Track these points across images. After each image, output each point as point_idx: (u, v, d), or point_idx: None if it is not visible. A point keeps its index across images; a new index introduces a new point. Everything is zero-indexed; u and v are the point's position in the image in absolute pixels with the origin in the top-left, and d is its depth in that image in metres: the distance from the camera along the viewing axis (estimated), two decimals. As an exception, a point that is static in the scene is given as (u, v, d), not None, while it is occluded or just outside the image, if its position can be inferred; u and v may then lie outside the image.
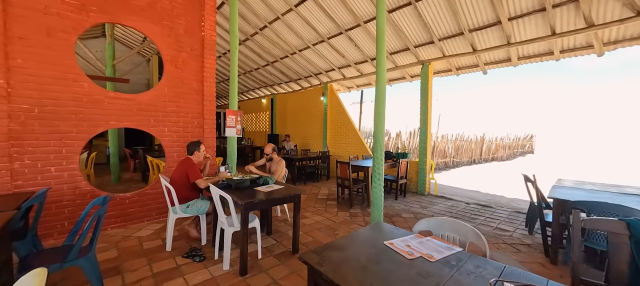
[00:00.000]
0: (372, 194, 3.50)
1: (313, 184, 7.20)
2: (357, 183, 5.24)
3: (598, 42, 4.34)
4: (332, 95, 8.50)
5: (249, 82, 11.38)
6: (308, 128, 9.51)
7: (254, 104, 12.92)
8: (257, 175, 3.69)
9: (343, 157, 8.09)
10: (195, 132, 4.44)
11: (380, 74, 3.48)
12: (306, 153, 7.89)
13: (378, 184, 3.48)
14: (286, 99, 10.68)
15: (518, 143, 18.27)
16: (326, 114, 8.57)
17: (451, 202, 5.54)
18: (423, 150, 6.06)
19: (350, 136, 7.91)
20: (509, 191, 7.25)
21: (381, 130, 3.48)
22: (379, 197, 3.46)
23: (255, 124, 13.02)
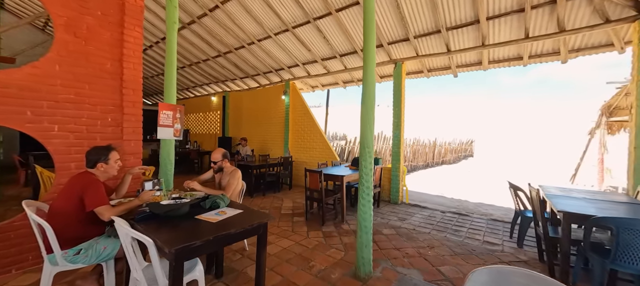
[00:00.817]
0: (359, 215, 2.75)
1: (274, 195, 6.20)
2: (330, 194, 4.48)
3: (565, 48, 4.42)
4: (295, 94, 7.64)
5: (195, 76, 9.77)
6: (267, 131, 8.45)
7: (202, 102, 11.24)
8: (201, 193, 2.63)
9: (308, 163, 7.27)
10: (109, 133, 3.12)
11: (369, 65, 2.79)
12: (265, 160, 6.86)
13: (367, 201, 2.74)
14: (241, 97, 9.42)
15: (462, 148, 19.99)
16: (288, 115, 7.66)
17: (426, 211, 5.17)
18: (396, 155, 5.63)
19: (315, 140, 7.14)
20: (470, 194, 7.37)
21: (370, 132, 2.77)
22: (368, 218, 2.73)
23: (203, 125, 11.33)
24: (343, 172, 4.75)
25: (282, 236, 3.75)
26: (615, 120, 8.92)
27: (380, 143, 10.00)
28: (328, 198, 4.34)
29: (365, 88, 2.81)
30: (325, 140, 6.98)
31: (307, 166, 7.17)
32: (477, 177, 11.74)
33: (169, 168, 3.54)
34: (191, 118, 11.99)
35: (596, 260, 2.22)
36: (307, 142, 7.34)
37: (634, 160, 3.49)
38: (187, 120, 12.25)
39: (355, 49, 5.77)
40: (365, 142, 2.77)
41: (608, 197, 3.10)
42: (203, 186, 2.79)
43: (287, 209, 5.11)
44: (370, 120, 2.76)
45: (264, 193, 6.22)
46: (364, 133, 2.77)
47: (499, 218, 4.79)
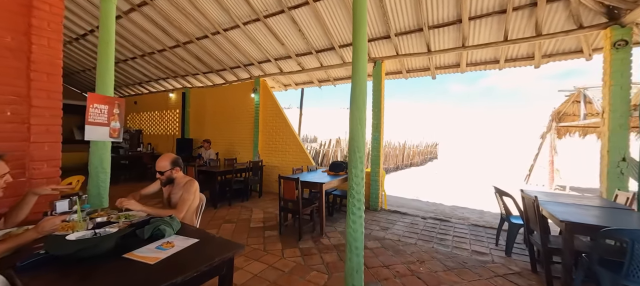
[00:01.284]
0: (348, 234, 2.29)
1: (242, 205, 5.49)
2: (307, 205, 3.96)
3: (539, 53, 4.48)
4: (266, 93, 7.00)
5: (150, 69, 8.57)
6: (234, 132, 7.66)
7: (158, 99, 9.96)
8: (141, 215, 1.95)
9: (281, 168, 6.67)
10: (7, 132, 2.25)
11: (360, 57, 2.38)
12: (232, 164, 6.11)
13: (358, 217, 2.30)
14: (204, 95, 8.47)
15: (428, 150, 20.86)
16: (258, 115, 6.99)
17: (407, 218, 4.92)
18: (376, 159, 5.32)
19: (289, 143, 6.58)
20: (442, 197, 7.40)
21: (361, 135, 2.34)
22: (359, 237, 2.29)
23: (159, 125, 10.04)
24: (321, 178, 4.28)
25: (252, 257, 3.14)
26: (564, 125, 9.79)
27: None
28: (306, 210, 3.82)
29: (355, 84, 2.38)
30: (300, 143, 6.45)
31: (279, 171, 6.57)
32: (445, 178, 12.14)
33: (101, 180, 2.74)
34: (144, 117, 10.58)
35: (606, 275, 2.03)
36: (279, 145, 6.74)
37: (607, 163, 3.56)
38: (139, 120, 10.80)
39: (333, 45, 5.36)
40: (356, 145, 2.32)
41: (594, 203, 3.06)
42: (145, 204, 2.09)
43: (257, 221, 4.47)
44: (361, 120, 2.32)
45: (230, 202, 5.48)
46: (355, 135, 2.33)
47: (479, 223, 4.71)
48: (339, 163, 4.84)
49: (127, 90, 10.82)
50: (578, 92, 8.46)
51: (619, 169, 3.48)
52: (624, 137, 3.46)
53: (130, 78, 9.60)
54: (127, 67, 8.78)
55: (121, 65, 8.68)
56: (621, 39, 3.47)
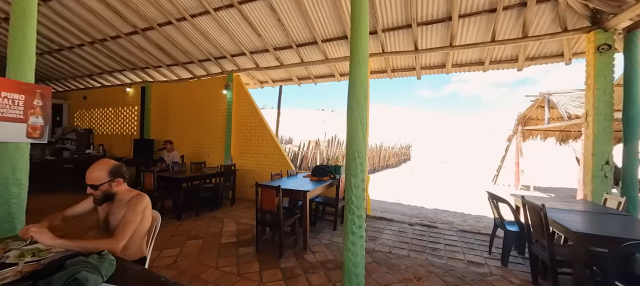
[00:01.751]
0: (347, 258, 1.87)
1: (211, 215, 4.83)
2: (289, 216, 3.48)
3: (523, 55, 4.47)
4: (240, 89, 6.37)
5: (102, 59, 7.44)
6: (203, 132, 6.88)
7: (112, 94, 8.75)
8: (56, 251, 1.35)
9: (257, 172, 6.07)
10: None
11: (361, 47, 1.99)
12: (200, 169, 5.40)
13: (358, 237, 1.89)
14: (168, 90, 7.55)
15: (402, 152, 21.32)
16: (230, 114, 6.32)
17: (394, 225, 4.65)
18: (361, 162, 4.97)
19: (265, 145, 6.01)
20: (422, 199, 7.33)
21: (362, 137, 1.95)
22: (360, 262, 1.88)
23: (114, 124, 8.83)
24: (304, 184, 3.82)
25: (225, 280, 2.59)
26: (529, 128, 10.39)
27: (334, 148, 9.42)
28: (287, 222, 3.33)
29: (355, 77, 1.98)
30: (278, 144, 5.92)
31: (255, 176, 5.98)
32: (420, 180, 12.32)
33: (13, 195, 2.03)
34: (96, 114, 9.26)
35: (629, 293, 1.84)
36: (255, 147, 6.13)
37: (592, 167, 3.56)
38: (90, 117, 9.43)
39: (315, 38, 4.94)
40: (356, 150, 1.92)
41: (588, 208, 2.98)
42: (67, 234, 1.48)
43: (229, 235, 3.87)
44: (363, 119, 1.94)
45: (197, 213, 4.78)
46: (354, 138, 1.93)
47: (465, 228, 4.58)
48: (323, 168, 4.42)
49: (74, 82, 9.40)
50: (542, 98, 8.98)
51: (603, 173, 3.49)
52: (608, 140, 3.47)
53: (77, 69, 8.31)
54: (73, 56, 7.55)
55: (65, 52, 7.43)
56: (605, 43, 3.49)
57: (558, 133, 10.92)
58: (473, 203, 7.12)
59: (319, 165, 4.48)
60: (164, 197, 4.61)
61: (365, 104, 1.97)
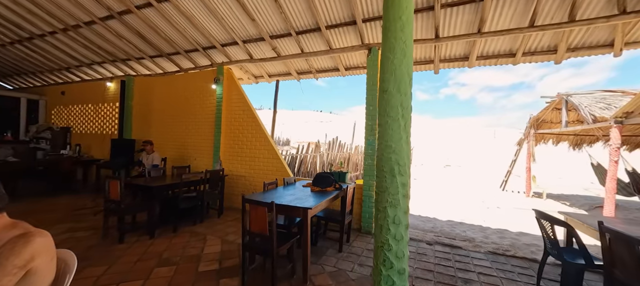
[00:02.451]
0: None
1: (192, 230, 4.06)
2: (284, 240, 2.74)
3: (565, 44, 3.79)
4: (231, 84, 5.63)
5: (78, 49, 6.66)
6: (189, 132, 6.12)
7: (91, 89, 7.95)
8: None
9: (249, 178, 5.32)
10: None
11: (407, 18, 1.24)
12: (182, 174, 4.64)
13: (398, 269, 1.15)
14: (151, 85, 6.78)
15: (403, 156, 20.65)
16: (220, 112, 5.57)
17: (410, 243, 3.92)
18: (371, 168, 4.25)
19: (259, 147, 5.26)
20: (433, 208, 6.63)
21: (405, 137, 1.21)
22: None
23: (93, 122, 8.01)
24: (304, 197, 3.08)
25: (192, 345, 1.83)
26: (544, 132, 9.75)
27: (335, 151, 8.69)
28: (282, 248, 2.59)
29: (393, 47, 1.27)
30: (274, 147, 5.17)
31: (247, 182, 5.23)
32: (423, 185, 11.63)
33: None
34: (74, 111, 8.44)
35: None
36: (247, 150, 5.38)
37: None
38: (67, 114, 8.61)
39: (318, 24, 4.23)
40: (393, 160, 1.21)
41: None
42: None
43: (210, 260, 3.12)
44: (405, 113, 1.21)
45: (175, 227, 4.01)
46: (389, 140, 1.22)
47: (494, 248, 3.86)
48: (326, 176, 3.68)
49: (52, 77, 8.58)
50: (560, 99, 8.35)
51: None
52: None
53: (53, 61, 7.50)
54: (46, 45, 6.75)
55: (37, 41, 6.64)
56: (678, 27, 2.82)
57: (572, 137, 10.31)
58: (489, 215, 6.44)
59: (322, 173, 3.74)
60: (137, 208, 3.84)
61: (410, 87, 1.27)
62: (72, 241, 3.49)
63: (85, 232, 3.80)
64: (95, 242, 3.47)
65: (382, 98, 1.31)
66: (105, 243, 3.45)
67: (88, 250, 3.24)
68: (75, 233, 3.75)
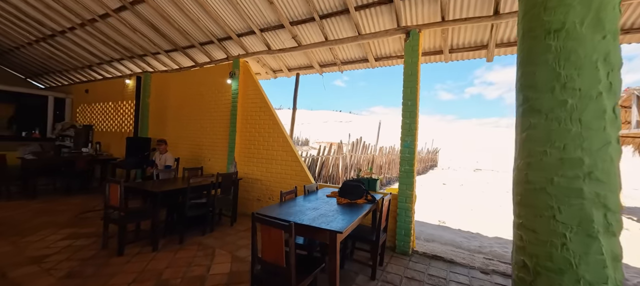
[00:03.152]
0: None
1: (200, 242, 3.58)
2: (306, 267, 2.12)
3: None
4: (248, 78, 5.14)
5: (97, 46, 6.55)
6: (204, 131, 5.73)
7: (112, 87, 7.89)
8: None
9: (265, 182, 4.80)
10: None
11: None
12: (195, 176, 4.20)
13: None
14: (167, 81, 6.51)
15: (429, 157, 19.39)
16: (236, 109, 5.11)
17: (458, 270, 3.16)
18: (407, 177, 3.53)
19: (277, 148, 4.72)
20: (474, 221, 5.72)
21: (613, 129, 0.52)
22: None
23: (113, 120, 7.96)
24: (332, 214, 2.45)
25: None
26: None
27: (358, 152, 7.98)
28: (304, 283, 1.98)
29: None
30: (294, 149, 4.60)
31: (262, 187, 4.72)
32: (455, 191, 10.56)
33: None
34: (96, 109, 8.46)
35: None
36: (264, 151, 4.86)
37: None
38: (91, 113, 8.66)
39: (346, 4, 3.59)
40: (591, 183, 0.51)
41: None
42: None
43: (216, 282, 2.59)
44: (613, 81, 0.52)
45: (182, 238, 3.55)
46: (565, 134, 0.54)
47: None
48: (355, 185, 3.03)
49: (76, 75, 8.67)
50: (629, 95, 7.05)
51: None
52: None
53: (76, 58, 7.51)
54: (67, 42, 6.72)
55: (59, 39, 6.61)
56: None
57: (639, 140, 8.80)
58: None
59: (350, 181, 3.09)
60: (138, 216, 3.42)
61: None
62: (70, 250, 3.13)
63: (86, 240, 3.44)
64: (92, 253, 3.08)
65: (544, 50, 0.64)
66: (102, 255, 3.05)
67: (82, 264, 2.85)
68: (75, 241, 3.41)
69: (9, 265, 2.74)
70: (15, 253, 3.01)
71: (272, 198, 4.71)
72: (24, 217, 4.16)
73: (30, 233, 3.57)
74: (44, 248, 3.15)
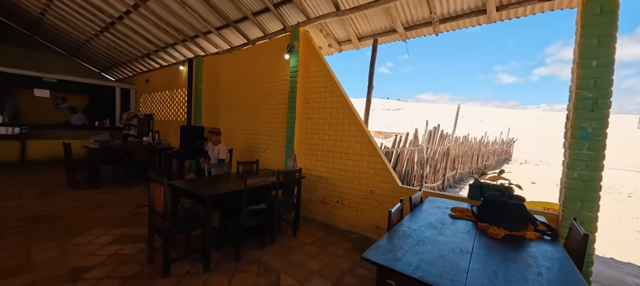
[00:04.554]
0: None
1: (259, 261, 2.77)
2: None
3: None
4: (309, 51, 4.15)
5: (153, 32, 6.29)
6: (258, 118, 4.99)
7: (168, 75, 7.77)
8: None
9: (333, 181, 3.83)
10: None
11: None
12: (250, 172, 3.42)
13: None
14: (218, 64, 5.94)
15: (503, 149, 16.44)
16: (294, 90, 4.18)
17: None
18: (588, 186, 2.14)
19: (347, 138, 3.67)
20: (616, 246, 3.90)
21: None
22: None
23: (169, 109, 7.88)
24: (496, 267, 1.29)
25: None
26: None
27: (435, 144, 6.49)
28: None
29: None
30: (371, 140, 3.50)
31: (329, 187, 3.77)
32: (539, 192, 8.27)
33: None
34: (156, 98, 8.53)
35: None
36: (330, 142, 3.87)
37: None
38: (151, 102, 8.81)
39: None
40: None
41: None
42: None
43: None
44: None
45: (237, 252, 2.78)
46: None
47: None
48: (512, 204, 1.79)
49: (138, 65, 8.86)
50: None
51: None
52: None
53: (135, 47, 7.51)
54: (126, 30, 6.62)
55: (118, 26, 6.54)
56: None
57: None
58: None
59: (497, 196, 1.87)
60: (185, 226, 2.74)
61: None
62: (114, 261, 2.59)
63: (133, 246, 2.91)
64: (136, 269, 2.48)
65: None
66: (146, 273, 2.43)
67: (123, 284, 2.24)
68: (123, 246, 2.90)
69: (45, 280, 2.26)
70: (58, 260, 2.57)
71: (341, 201, 3.72)
72: (81, 210, 3.92)
73: (81, 231, 3.20)
74: (89, 256, 2.67)
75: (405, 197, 2.47)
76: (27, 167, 6.87)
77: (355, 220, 3.59)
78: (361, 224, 3.54)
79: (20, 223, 3.39)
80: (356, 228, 3.58)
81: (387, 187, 3.27)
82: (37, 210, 3.84)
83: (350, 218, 3.64)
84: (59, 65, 9.26)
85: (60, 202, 4.23)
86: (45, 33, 8.60)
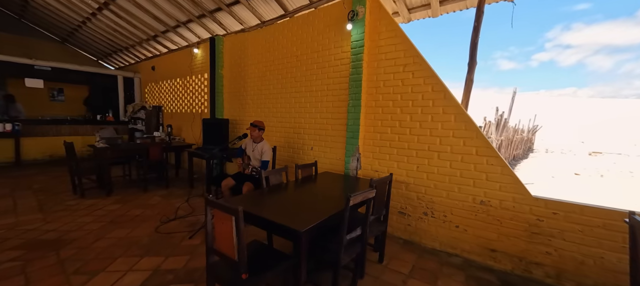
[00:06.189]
0: None
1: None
2: None
3: None
4: (380, 19, 3.20)
5: (162, 5, 5.26)
6: (302, 107, 4.08)
7: (179, 59, 6.77)
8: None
9: (417, 190, 2.98)
10: None
11: None
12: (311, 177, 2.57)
13: None
14: (245, 44, 4.97)
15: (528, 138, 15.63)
16: (359, 71, 3.27)
17: None
18: None
19: (441, 131, 2.78)
20: None
21: None
22: None
23: (182, 99, 6.92)
24: None
25: None
26: None
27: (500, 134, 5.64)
28: None
29: None
30: (479, 132, 2.64)
31: (412, 195, 2.93)
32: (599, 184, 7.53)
33: None
34: (164, 87, 7.55)
35: None
36: (413, 137, 2.99)
37: None
38: (159, 92, 7.83)
39: None
40: None
41: None
42: None
43: None
44: None
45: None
46: None
47: None
48: None
49: (142, 50, 7.82)
50: None
51: None
52: None
53: (140, 27, 6.47)
54: (129, 6, 5.58)
55: (120, 1, 5.50)
56: None
57: None
58: None
59: None
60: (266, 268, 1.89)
61: None
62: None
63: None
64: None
65: None
66: (211, 348, 1.60)
67: None
68: (161, 292, 2.06)
69: None
70: None
71: (431, 213, 2.89)
72: (94, 229, 3.07)
73: (100, 265, 2.37)
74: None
75: (543, 213, 1.66)
76: (23, 170, 5.99)
77: (455, 239, 2.77)
78: (464, 244, 2.72)
79: (17, 252, 2.56)
80: (456, 249, 2.77)
81: (510, 197, 2.43)
82: (39, 231, 3.00)
83: (446, 236, 2.82)
84: (53, 52, 8.22)
85: (67, 217, 3.38)
86: (33, 14, 7.51)
